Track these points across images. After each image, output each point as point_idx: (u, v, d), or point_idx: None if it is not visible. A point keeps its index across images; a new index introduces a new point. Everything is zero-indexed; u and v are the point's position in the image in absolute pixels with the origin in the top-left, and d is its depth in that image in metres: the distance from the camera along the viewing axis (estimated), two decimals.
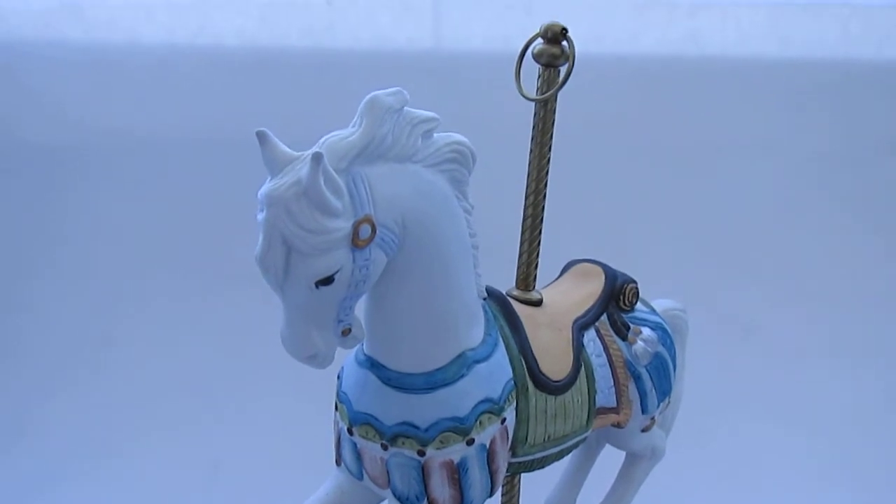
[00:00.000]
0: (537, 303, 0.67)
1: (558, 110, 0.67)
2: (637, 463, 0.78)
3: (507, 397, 0.59)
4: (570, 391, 0.63)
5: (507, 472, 0.63)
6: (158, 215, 1.38)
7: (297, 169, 0.50)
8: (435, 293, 0.57)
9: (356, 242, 0.51)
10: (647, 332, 0.70)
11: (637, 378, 0.69)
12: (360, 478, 0.62)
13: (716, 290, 1.28)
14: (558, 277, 0.74)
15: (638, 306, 0.72)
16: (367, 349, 0.60)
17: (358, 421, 0.59)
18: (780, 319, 1.31)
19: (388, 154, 0.53)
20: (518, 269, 0.69)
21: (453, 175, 0.57)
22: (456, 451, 0.58)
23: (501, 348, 0.60)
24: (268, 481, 1.13)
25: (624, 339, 0.69)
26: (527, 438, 0.62)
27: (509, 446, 0.61)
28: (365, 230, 0.51)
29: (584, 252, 0.74)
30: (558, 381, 0.62)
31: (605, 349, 0.67)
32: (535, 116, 0.67)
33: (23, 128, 1.44)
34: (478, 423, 0.58)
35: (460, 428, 0.57)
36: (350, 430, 0.60)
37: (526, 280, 0.69)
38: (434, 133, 0.56)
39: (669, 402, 0.73)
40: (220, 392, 1.25)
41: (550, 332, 0.64)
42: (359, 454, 0.61)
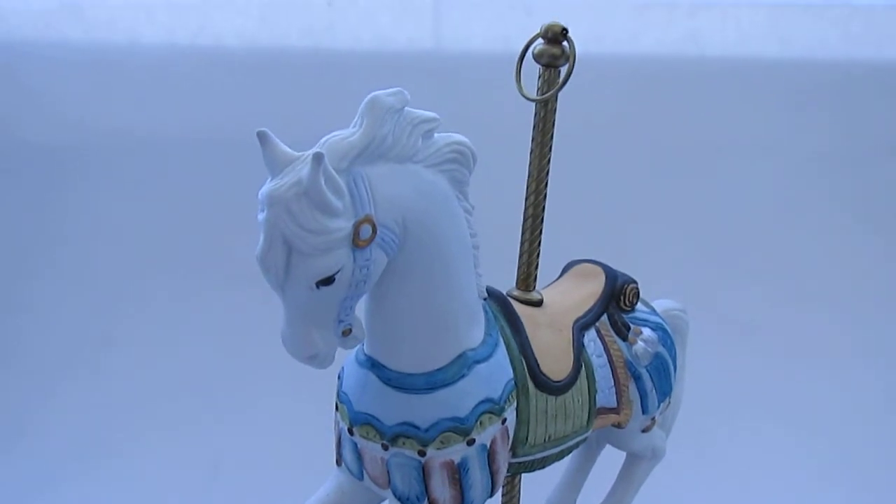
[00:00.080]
0: (538, 303, 0.67)
1: (558, 110, 0.67)
2: (637, 463, 0.79)
3: (508, 397, 0.59)
4: (570, 391, 0.63)
5: (507, 473, 0.63)
6: (158, 215, 1.38)
7: (297, 169, 0.50)
8: (435, 293, 0.57)
9: (357, 242, 0.51)
10: (647, 332, 0.70)
11: (637, 378, 0.69)
12: (361, 478, 0.62)
13: (716, 290, 1.28)
14: (559, 278, 0.74)
15: (638, 307, 0.72)
16: (368, 349, 0.60)
17: (358, 421, 0.59)
18: (780, 319, 1.31)
19: (388, 154, 0.53)
20: (518, 270, 0.69)
21: (454, 175, 0.57)
22: (456, 452, 0.58)
23: (502, 348, 0.60)
24: (268, 481, 1.12)
25: (624, 339, 0.69)
26: (527, 439, 0.62)
27: (510, 446, 0.61)
28: (366, 230, 0.51)
29: (585, 252, 0.74)
30: (559, 382, 0.62)
31: (606, 349, 0.68)
32: (535, 117, 0.67)
33: (23, 128, 1.44)
34: (478, 423, 0.58)
35: (461, 428, 0.57)
36: (350, 431, 0.60)
37: (526, 280, 0.69)
38: (434, 133, 0.56)
39: (670, 402, 0.73)
40: (220, 392, 1.24)
41: (551, 333, 0.64)
42: (359, 454, 0.61)
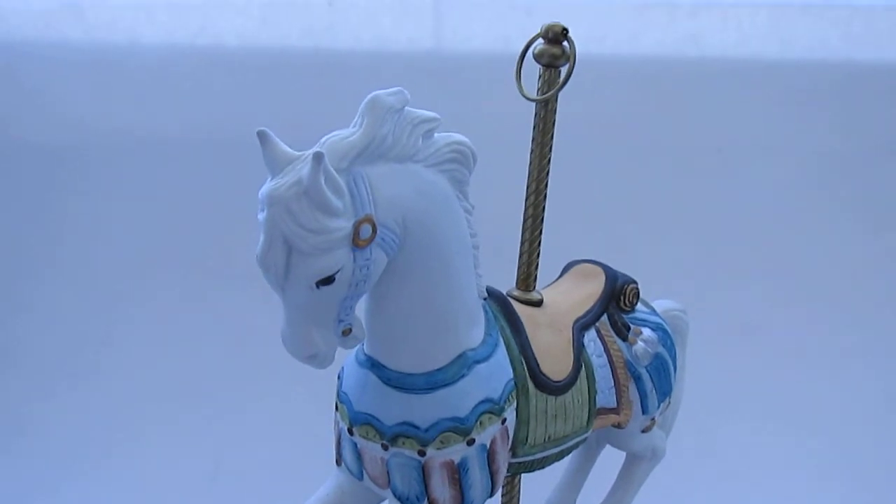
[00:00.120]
0: (538, 303, 0.67)
1: (559, 111, 0.67)
2: (637, 464, 0.78)
3: (508, 397, 0.59)
4: (570, 392, 0.63)
5: (507, 473, 0.63)
6: (158, 215, 1.38)
7: (297, 169, 0.50)
8: (435, 293, 0.57)
9: (357, 242, 0.51)
10: (647, 332, 0.70)
11: (637, 379, 0.69)
12: (361, 478, 0.62)
13: (716, 290, 1.28)
14: (559, 278, 0.74)
15: (638, 307, 0.72)
16: (368, 349, 0.60)
17: (358, 421, 0.59)
18: (780, 319, 1.31)
19: (388, 154, 0.53)
20: (518, 270, 0.69)
21: (454, 175, 0.57)
22: (456, 452, 0.58)
23: (502, 348, 0.60)
24: (268, 481, 1.12)
25: (624, 339, 0.69)
26: (527, 439, 0.61)
27: (509, 447, 0.61)
28: (366, 230, 0.51)
29: (585, 252, 0.74)
30: (559, 382, 0.62)
31: (606, 350, 0.67)
32: (535, 117, 0.67)
33: (23, 128, 1.44)
34: (478, 423, 0.58)
35: (461, 428, 0.57)
36: (350, 431, 0.60)
37: (526, 280, 0.69)
38: (435, 133, 0.56)
39: (670, 402, 0.73)
40: (220, 392, 1.24)
41: (551, 333, 0.64)
42: (359, 454, 0.61)
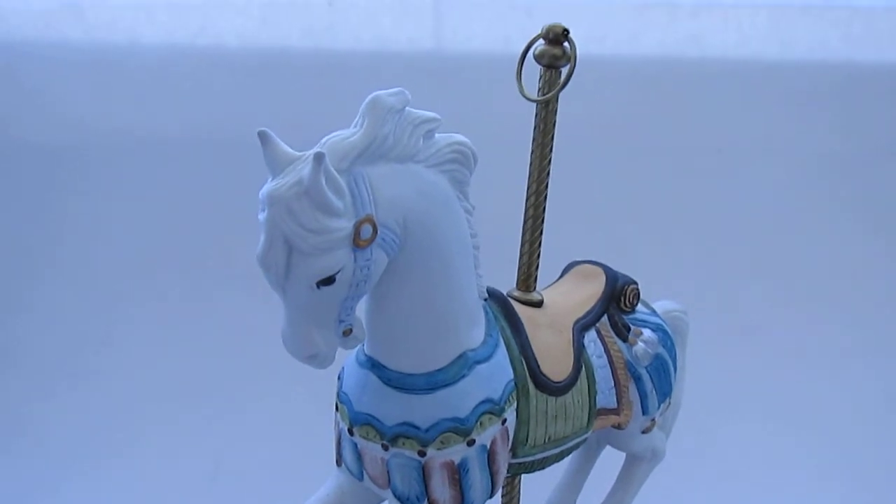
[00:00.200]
0: (538, 304, 0.67)
1: (559, 111, 0.67)
2: (637, 464, 0.78)
3: (508, 398, 0.59)
4: (570, 392, 0.63)
5: (507, 473, 0.63)
6: (158, 215, 1.38)
7: (298, 169, 0.50)
8: (436, 293, 0.57)
9: (357, 242, 0.51)
10: (647, 333, 0.70)
11: (637, 379, 0.69)
12: (361, 478, 0.62)
13: (716, 290, 1.28)
14: (559, 278, 0.74)
15: (639, 307, 0.72)
16: (368, 349, 0.60)
17: (358, 421, 0.59)
18: (780, 319, 1.31)
19: (389, 154, 0.53)
20: (519, 270, 0.69)
21: (454, 175, 0.57)
22: (456, 452, 0.58)
23: (502, 349, 0.60)
24: (268, 481, 1.12)
25: (624, 340, 0.69)
26: (527, 439, 0.61)
27: (510, 447, 0.61)
28: (366, 230, 0.51)
29: (585, 253, 0.74)
30: (559, 382, 0.62)
31: (606, 350, 0.67)
32: (536, 117, 0.67)
33: (23, 128, 1.44)
34: (478, 423, 0.58)
35: (461, 428, 0.57)
36: (350, 431, 0.60)
37: (527, 281, 0.69)
38: (435, 133, 0.56)
39: (670, 403, 0.73)
40: (220, 392, 1.24)
41: (551, 333, 0.64)
42: (359, 454, 0.61)
